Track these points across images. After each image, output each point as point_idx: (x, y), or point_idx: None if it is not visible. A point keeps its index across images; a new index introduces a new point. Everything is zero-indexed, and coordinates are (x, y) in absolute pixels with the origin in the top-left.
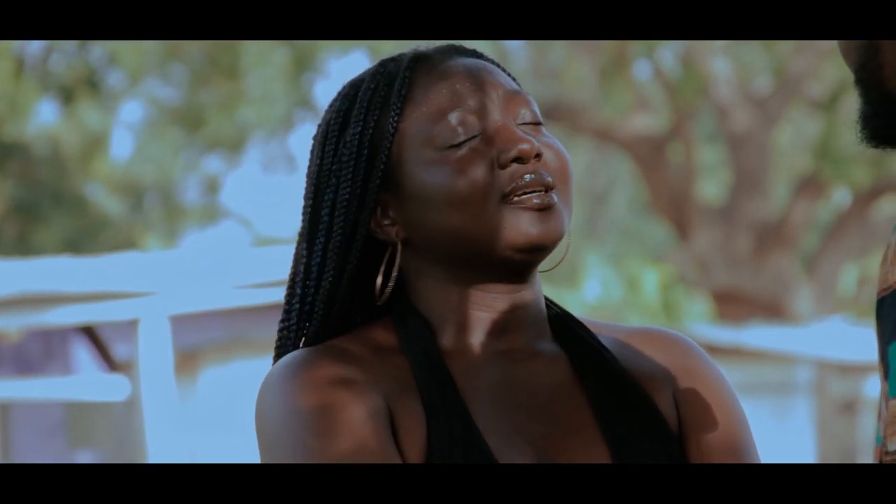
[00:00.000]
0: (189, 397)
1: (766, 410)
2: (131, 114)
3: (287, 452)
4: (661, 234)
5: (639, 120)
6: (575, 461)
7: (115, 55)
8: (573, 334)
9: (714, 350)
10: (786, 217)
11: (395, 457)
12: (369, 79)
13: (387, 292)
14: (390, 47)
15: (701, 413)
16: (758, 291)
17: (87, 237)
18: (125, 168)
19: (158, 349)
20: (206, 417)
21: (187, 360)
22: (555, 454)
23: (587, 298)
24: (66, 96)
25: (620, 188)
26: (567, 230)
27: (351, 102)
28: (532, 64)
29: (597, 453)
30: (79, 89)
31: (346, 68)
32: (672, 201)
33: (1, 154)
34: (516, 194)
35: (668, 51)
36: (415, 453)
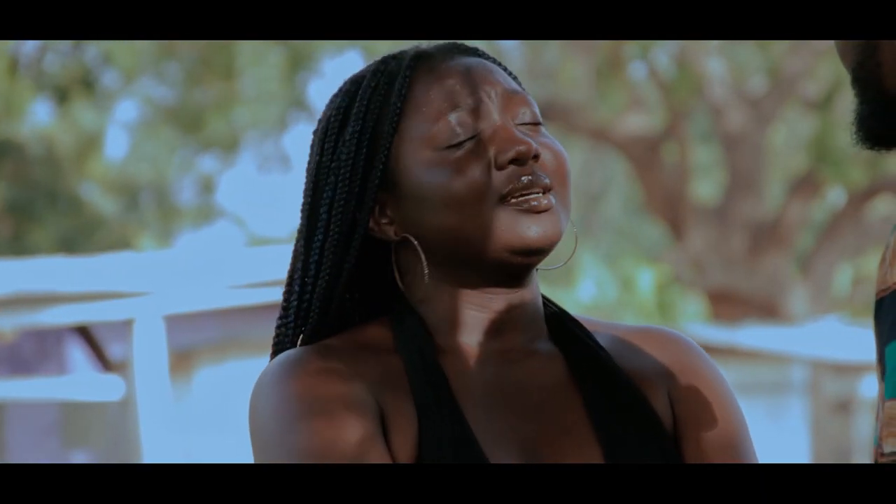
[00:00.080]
0: (184, 397)
1: (761, 410)
2: (126, 113)
3: (277, 453)
4: (656, 234)
5: (633, 120)
6: (567, 461)
7: (110, 55)
8: (569, 334)
9: (709, 350)
10: (780, 217)
11: (385, 457)
12: (370, 77)
13: (426, 279)
14: (385, 47)
15: (699, 412)
16: (752, 291)
17: (82, 237)
18: (120, 168)
19: (153, 349)
20: (201, 417)
21: (182, 360)
22: (547, 454)
23: (582, 298)
24: (61, 96)
25: (615, 188)
26: (564, 231)
27: (351, 100)
28: (527, 64)
29: (589, 453)
30: (73, 89)
31: (341, 68)
32: (667, 201)
33: None
34: (513, 196)
35: (663, 51)
36: (405, 453)
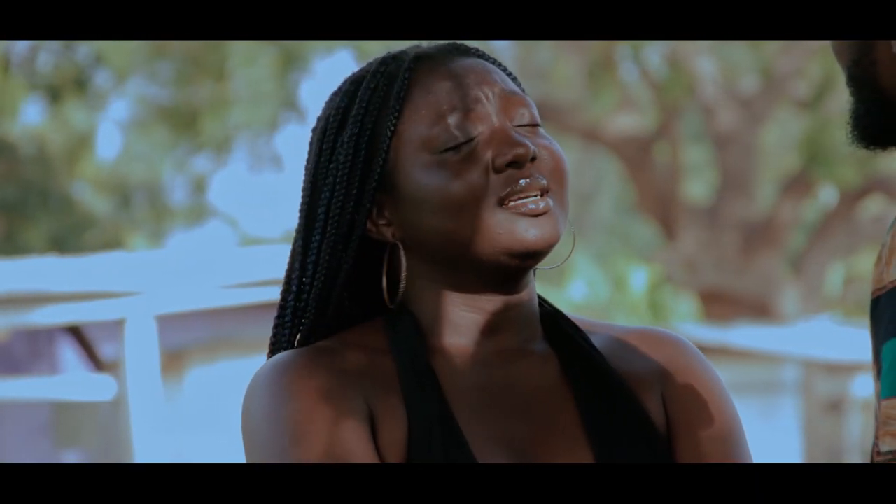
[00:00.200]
0: (175, 397)
1: (753, 410)
2: (118, 113)
3: (269, 454)
4: (648, 234)
5: (625, 120)
6: (558, 461)
7: (102, 54)
8: (564, 334)
9: (701, 350)
10: (772, 217)
11: (374, 458)
12: (370, 78)
13: (399, 293)
14: (376, 47)
15: (694, 413)
16: (744, 291)
17: (74, 237)
18: (112, 167)
19: (145, 349)
20: (193, 417)
21: (173, 360)
22: (538, 454)
23: (573, 298)
24: (53, 95)
25: (607, 188)
26: (562, 233)
27: (350, 100)
28: (519, 64)
29: (580, 454)
30: (65, 88)
31: (333, 68)
32: (658, 201)
33: None
34: (511, 199)
35: (654, 50)
36: (395, 453)
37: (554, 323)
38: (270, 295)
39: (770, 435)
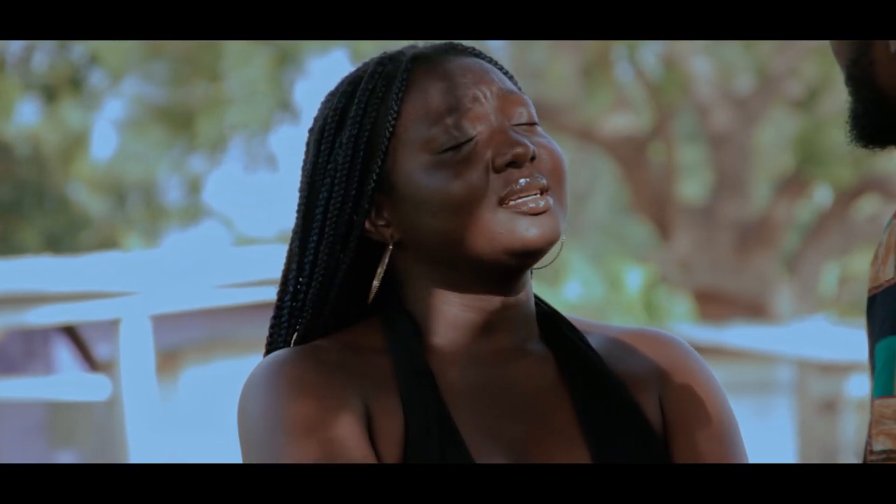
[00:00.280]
0: (170, 397)
1: (747, 410)
2: (113, 113)
3: (265, 453)
4: (643, 234)
5: (620, 120)
6: (555, 461)
7: (97, 54)
8: (560, 335)
9: (695, 350)
10: (767, 216)
11: (371, 457)
12: (368, 78)
13: (373, 292)
14: (371, 47)
15: (690, 413)
16: (739, 291)
17: (69, 236)
18: (106, 167)
19: (139, 349)
20: (188, 417)
21: (168, 360)
22: (534, 454)
23: (569, 298)
24: (49, 95)
25: (602, 188)
26: (562, 232)
27: (348, 101)
28: (514, 63)
29: (577, 454)
30: (61, 88)
31: (327, 68)
32: (653, 201)
33: None
34: (511, 198)
35: (650, 50)
36: (392, 453)
37: (551, 323)
38: (265, 295)
39: (764, 435)
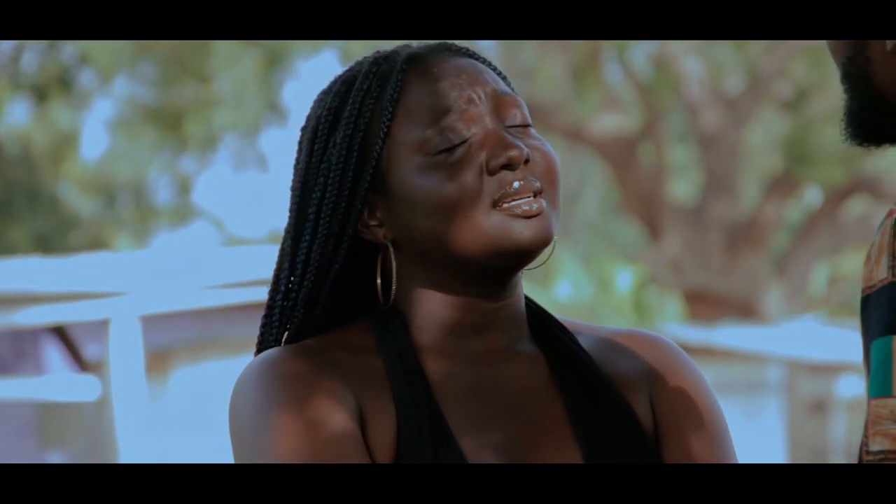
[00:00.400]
0: (160, 397)
1: (737, 410)
2: (102, 113)
3: (256, 452)
4: (633, 234)
5: (610, 120)
6: (546, 461)
7: (87, 54)
8: (551, 335)
9: (685, 350)
10: (756, 217)
11: (364, 457)
12: (362, 78)
13: (392, 293)
14: (361, 48)
15: (680, 414)
16: (729, 291)
17: (58, 237)
18: (96, 167)
19: (129, 349)
20: (177, 417)
21: (158, 360)
22: (527, 454)
23: (559, 298)
24: (39, 95)
25: (592, 188)
26: (555, 234)
27: (342, 101)
28: (503, 64)
29: (569, 454)
30: (50, 88)
31: (317, 69)
32: (643, 201)
33: None
34: (505, 201)
35: (639, 50)
36: (384, 453)
37: (541, 324)
38: (255, 295)
39: (754, 435)
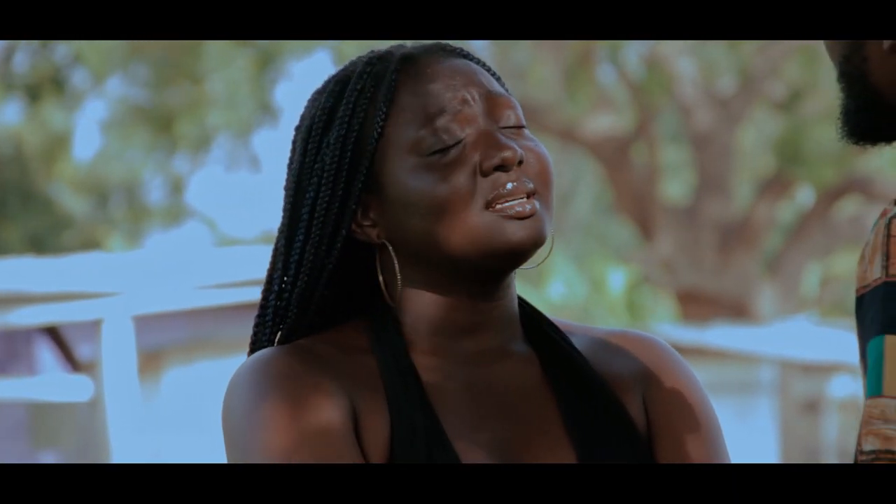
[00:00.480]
0: (152, 397)
1: (729, 410)
2: (95, 113)
3: (250, 452)
4: (625, 234)
5: (603, 120)
6: (540, 461)
7: (80, 54)
8: (544, 336)
9: (678, 350)
10: (749, 217)
11: (357, 456)
12: (356, 78)
13: (398, 292)
14: (354, 49)
15: (673, 415)
16: (721, 291)
17: (51, 237)
18: (89, 168)
19: (122, 349)
20: (170, 417)
21: (151, 361)
22: (520, 454)
23: (552, 298)
24: (31, 96)
25: (584, 188)
26: (548, 235)
27: (336, 101)
28: (496, 64)
29: (563, 454)
30: (43, 88)
31: (309, 69)
32: (636, 201)
33: None
34: (498, 202)
35: (632, 51)
36: (378, 453)
37: (534, 324)
38: (248, 295)
39: (747, 435)
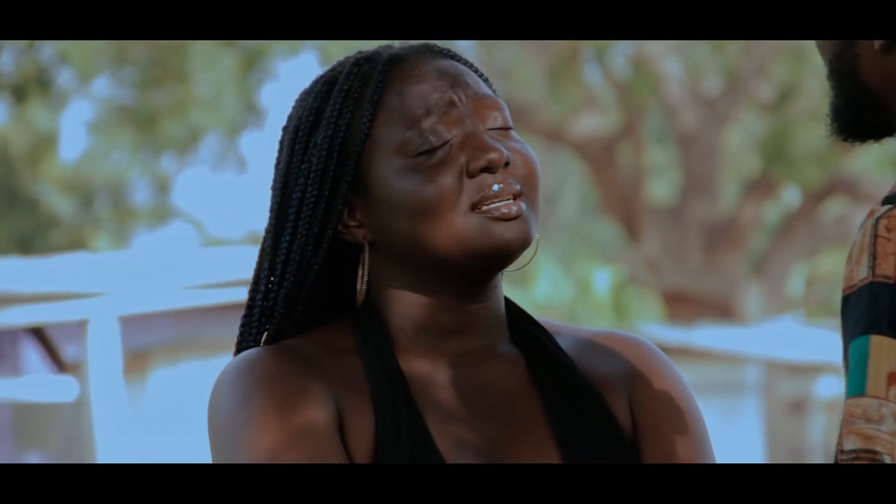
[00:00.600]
0: (138, 398)
1: (715, 410)
2: (81, 113)
3: (235, 452)
4: (611, 235)
5: (589, 120)
6: (524, 462)
7: (65, 54)
8: (531, 336)
9: (664, 350)
10: (735, 217)
11: (342, 457)
12: (343, 79)
13: (360, 293)
14: (340, 49)
15: (659, 416)
16: (707, 292)
17: (37, 237)
18: (75, 168)
19: (107, 350)
20: (156, 418)
21: (136, 361)
22: (505, 455)
23: (538, 298)
24: (17, 96)
25: (570, 188)
26: (534, 237)
27: (323, 101)
28: (481, 64)
29: (548, 454)
30: (28, 89)
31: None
32: (622, 201)
33: None
34: (484, 204)
35: (619, 51)
36: (363, 453)
37: (521, 325)
38: (234, 296)
39: (733, 435)
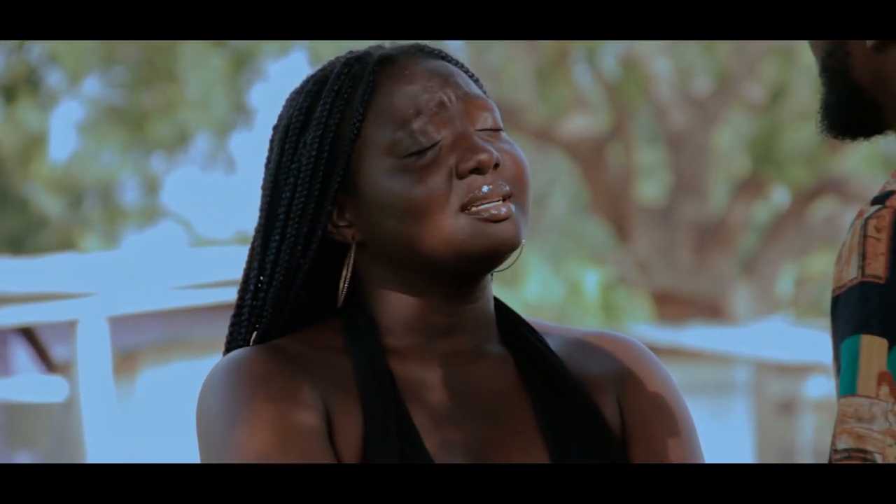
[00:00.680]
0: (127, 398)
1: (705, 410)
2: (71, 113)
3: (223, 452)
4: (601, 235)
5: (578, 120)
6: (513, 462)
7: (55, 54)
8: (520, 337)
9: (653, 351)
10: (724, 218)
11: (331, 457)
12: (333, 79)
13: (341, 294)
14: (331, 49)
15: (648, 416)
16: (697, 292)
17: (27, 238)
18: (64, 168)
19: (97, 350)
20: (145, 418)
21: (126, 361)
22: (494, 455)
23: (527, 298)
24: (7, 96)
25: (560, 189)
26: (523, 238)
27: (314, 101)
28: (471, 64)
29: (536, 454)
30: (18, 88)
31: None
32: (612, 202)
33: None
34: (474, 205)
35: (608, 51)
36: (351, 453)
37: (510, 325)
38: (223, 296)
39: (722, 435)
